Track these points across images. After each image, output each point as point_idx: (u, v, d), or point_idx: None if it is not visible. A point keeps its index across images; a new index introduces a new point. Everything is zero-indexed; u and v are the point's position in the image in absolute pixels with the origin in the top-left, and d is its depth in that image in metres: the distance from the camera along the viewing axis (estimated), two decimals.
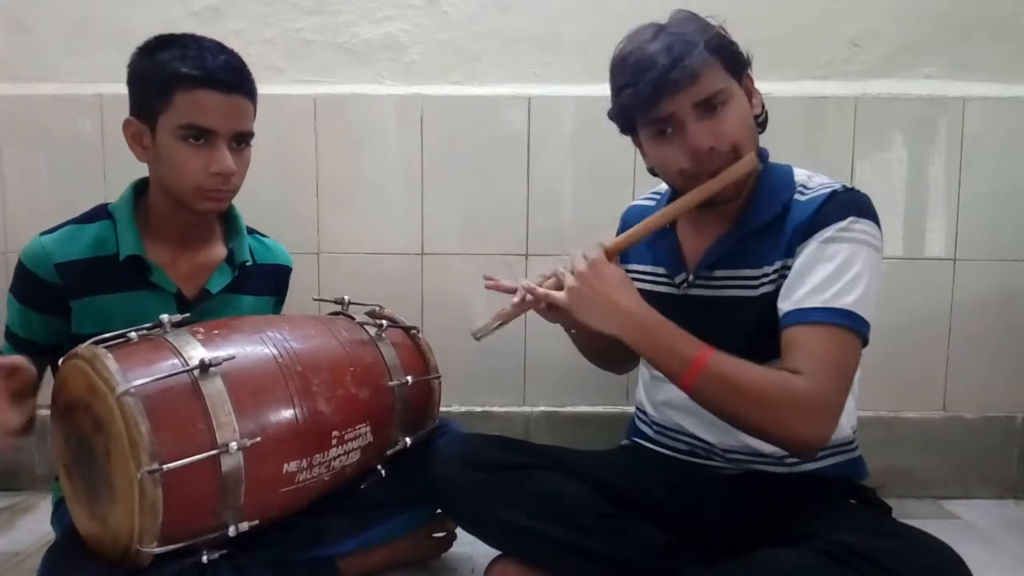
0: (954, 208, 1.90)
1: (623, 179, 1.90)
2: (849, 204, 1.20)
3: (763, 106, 1.29)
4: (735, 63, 1.23)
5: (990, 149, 1.89)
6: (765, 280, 1.24)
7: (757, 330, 1.22)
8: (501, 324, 1.28)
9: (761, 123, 1.30)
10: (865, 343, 1.16)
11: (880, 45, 1.90)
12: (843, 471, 1.31)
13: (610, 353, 1.49)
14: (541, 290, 1.25)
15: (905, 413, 1.93)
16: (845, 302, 1.13)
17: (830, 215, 1.19)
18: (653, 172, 1.34)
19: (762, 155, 1.29)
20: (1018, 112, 1.88)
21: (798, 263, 1.19)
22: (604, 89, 1.85)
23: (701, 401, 1.15)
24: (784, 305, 1.18)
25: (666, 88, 1.16)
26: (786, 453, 1.26)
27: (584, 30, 1.91)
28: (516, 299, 1.27)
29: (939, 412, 1.94)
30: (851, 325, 1.13)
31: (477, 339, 1.28)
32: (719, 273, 1.30)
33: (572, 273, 1.22)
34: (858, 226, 1.18)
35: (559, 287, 1.24)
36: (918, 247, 1.91)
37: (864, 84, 1.89)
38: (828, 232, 1.18)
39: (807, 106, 1.89)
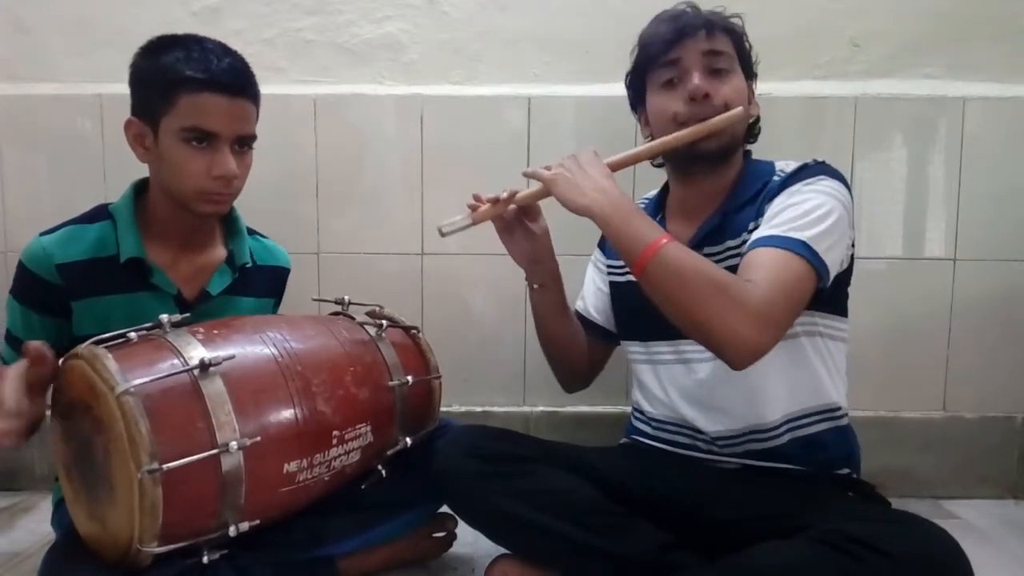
0: (954, 208, 1.90)
1: (622, 179, 1.86)
2: (820, 169, 1.29)
3: (759, 118, 1.42)
4: (744, 56, 1.36)
5: (990, 149, 1.88)
6: (744, 243, 1.28)
7: None
8: (472, 224, 1.37)
9: (755, 134, 1.43)
10: (821, 282, 1.20)
11: (880, 45, 1.90)
12: (832, 439, 1.33)
13: (566, 336, 1.56)
14: (531, 169, 1.36)
15: (905, 413, 1.93)
16: (803, 235, 1.18)
17: (801, 176, 1.28)
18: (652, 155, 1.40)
19: (745, 154, 1.41)
20: (1018, 112, 1.88)
21: (767, 212, 1.26)
22: (604, 89, 1.89)
23: (652, 286, 1.17)
24: (749, 240, 1.24)
25: (683, 30, 1.30)
26: (776, 422, 1.29)
27: (584, 30, 1.91)
28: (491, 196, 1.40)
29: (939, 412, 1.94)
30: (806, 255, 1.17)
31: (443, 235, 1.37)
32: (707, 251, 1.33)
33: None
34: (826, 182, 1.26)
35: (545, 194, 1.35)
36: (918, 247, 1.91)
37: (864, 84, 1.89)
38: (796, 185, 1.26)
39: (807, 106, 1.89)
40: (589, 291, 1.61)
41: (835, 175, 1.28)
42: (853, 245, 1.31)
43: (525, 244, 1.45)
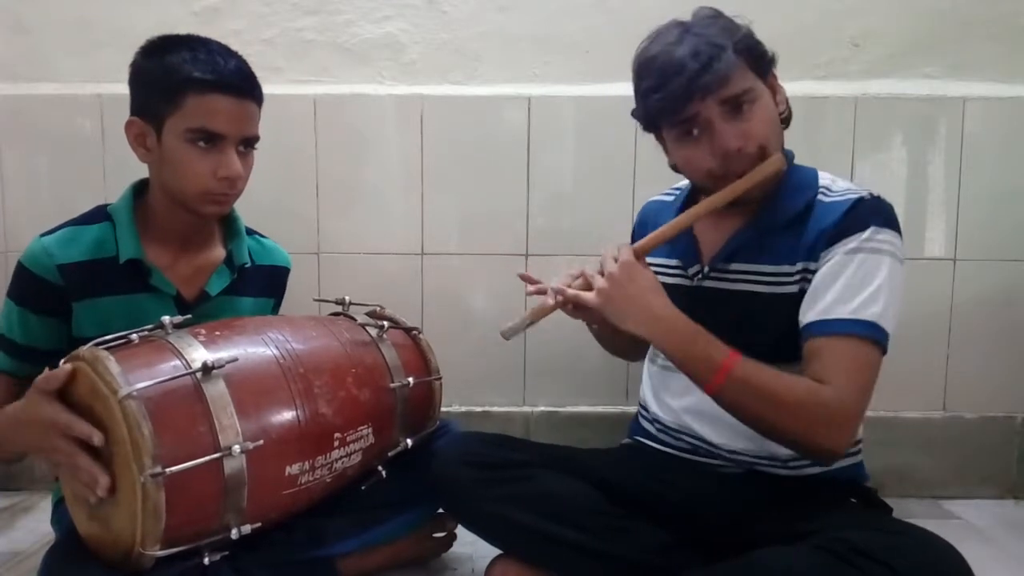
0: (954, 208, 1.90)
1: (623, 179, 1.90)
2: (873, 213, 1.21)
3: (787, 102, 1.31)
4: (761, 63, 1.24)
5: (990, 149, 1.89)
6: (787, 280, 1.24)
7: (776, 328, 1.23)
8: (531, 323, 1.30)
9: (785, 119, 1.31)
10: (884, 353, 1.18)
11: (880, 45, 1.90)
12: (845, 473, 1.31)
13: (630, 347, 1.52)
14: (571, 292, 1.26)
15: (905, 413, 1.93)
16: (870, 313, 1.14)
17: (854, 224, 1.20)
18: (675, 168, 1.35)
19: (787, 156, 1.31)
20: (1018, 112, 1.88)
21: (822, 272, 1.20)
22: (604, 89, 1.89)
23: (726, 405, 1.16)
24: (808, 315, 1.19)
25: (695, 93, 1.17)
26: (792, 455, 1.26)
27: (584, 30, 1.91)
28: (550, 301, 1.28)
29: (939, 412, 1.94)
30: (874, 336, 1.14)
31: (507, 339, 1.31)
32: (735, 267, 1.30)
33: (602, 275, 1.24)
34: (881, 236, 1.19)
35: (588, 287, 1.25)
36: (918, 247, 1.91)
37: (864, 84, 1.89)
38: (852, 243, 1.18)
39: (807, 106, 1.88)
40: None
41: (889, 223, 1.21)
42: None
43: (580, 314, 1.35)
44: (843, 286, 1.17)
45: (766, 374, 1.13)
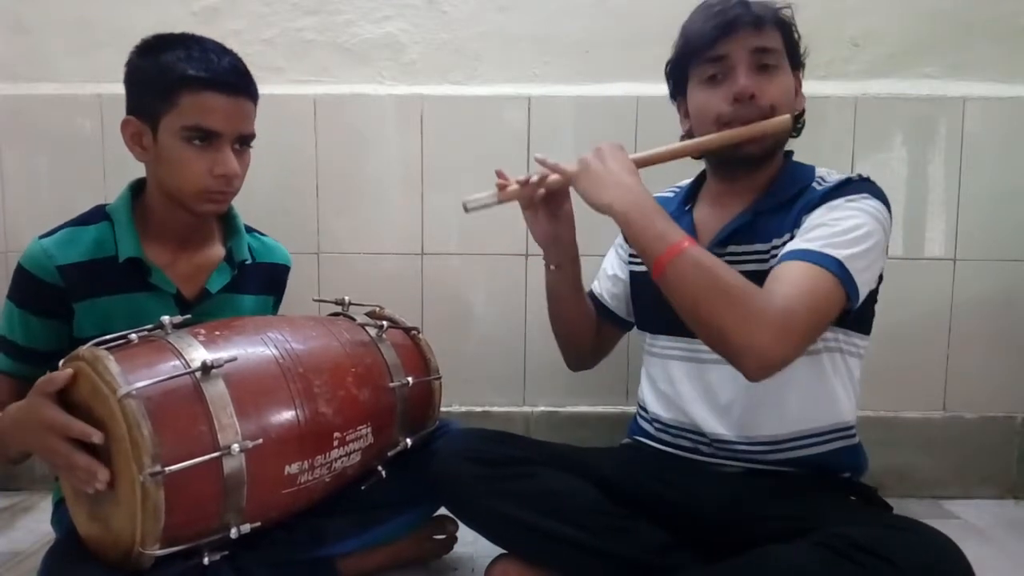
0: (954, 208, 1.90)
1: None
2: (864, 186, 1.25)
3: (804, 112, 1.37)
4: (793, 50, 1.34)
5: (990, 149, 1.88)
6: (776, 253, 1.25)
7: None
8: (497, 202, 1.35)
9: (798, 128, 1.37)
10: (849, 304, 1.17)
11: (880, 45, 1.90)
12: (843, 458, 1.32)
13: (576, 316, 1.53)
14: (553, 160, 1.35)
15: (905, 413, 1.93)
16: (838, 253, 1.15)
17: (843, 192, 1.23)
18: (685, 138, 1.39)
19: (788, 155, 1.38)
20: (1018, 112, 1.88)
21: (804, 224, 1.22)
22: (604, 89, 1.90)
23: (670, 288, 1.15)
24: (782, 252, 1.21)
25: (730, 25, 1.25)
26: (791, 435, 1.28)
27: (584, 30, 1.91)
28: (521, 178, 1.37)
29: (939, 412, 1.94)
30: (838, 273, 1.13)
31: (467, 210, 1.34)
32: (731, 249, 1.32)
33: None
34: (869, 202, 1.22)
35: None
36: (918, 247, 1.91)
37: (864, 84, 1.89)
38: (838, 201, 1.22)
39: (807, 106, 1.86)
40: (605, 275, 1.60)
41: (879, 195, 1.24)
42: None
43: (548, 226, 1.42)
44: (820, 231, 1.18)
45: (719, 263, 1.13)
